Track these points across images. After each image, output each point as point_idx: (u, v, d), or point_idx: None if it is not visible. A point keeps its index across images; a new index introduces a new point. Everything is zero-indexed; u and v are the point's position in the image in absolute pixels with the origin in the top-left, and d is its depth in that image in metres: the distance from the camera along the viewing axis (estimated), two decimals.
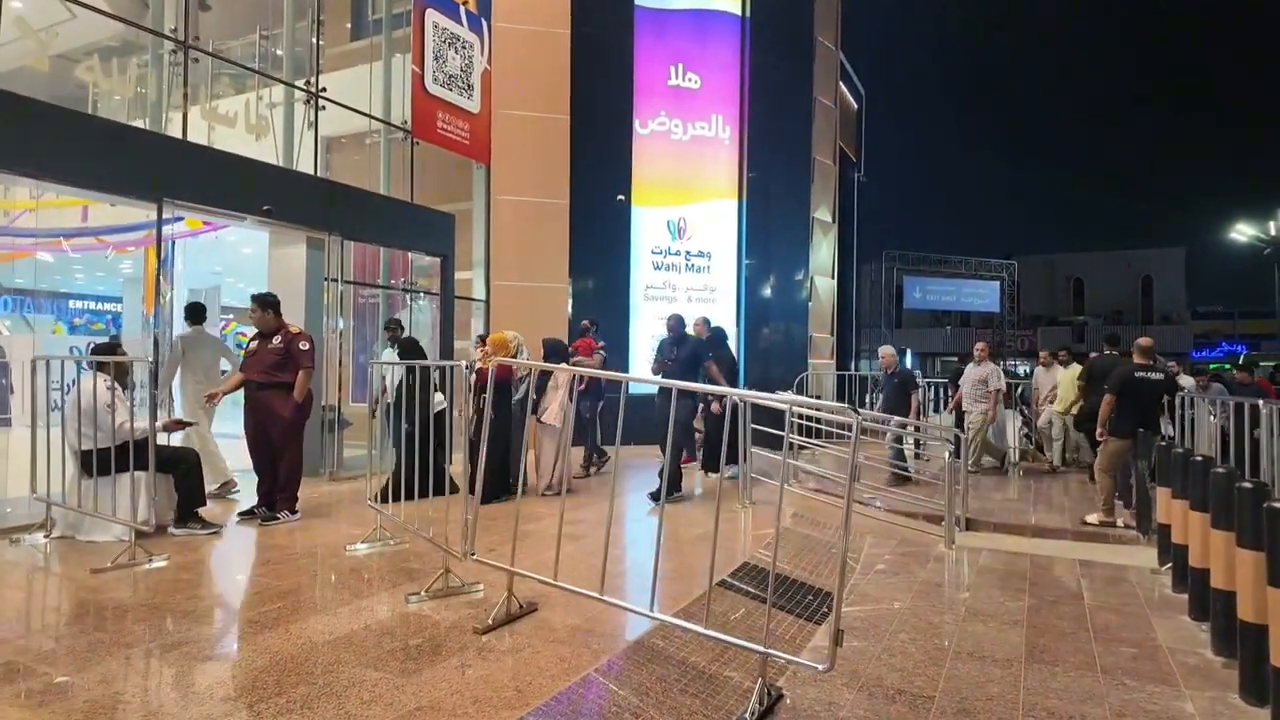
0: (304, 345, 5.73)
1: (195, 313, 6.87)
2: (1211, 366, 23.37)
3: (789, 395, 6.64)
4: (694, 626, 3.04)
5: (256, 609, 3.66)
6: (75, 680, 2.81)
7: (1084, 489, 8.37)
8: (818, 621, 3.81)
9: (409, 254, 9.51)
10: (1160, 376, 6.31)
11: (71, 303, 16.43)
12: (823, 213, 14.24)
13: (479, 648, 3.20)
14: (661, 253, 11.75)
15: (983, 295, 24.74)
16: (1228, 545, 3.26)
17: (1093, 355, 8.85)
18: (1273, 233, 24.95)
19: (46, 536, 4.90)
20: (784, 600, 4.07)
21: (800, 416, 7.58)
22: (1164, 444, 5.30)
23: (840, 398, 12.75)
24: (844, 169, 17.05)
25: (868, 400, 11.64)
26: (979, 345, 9.37)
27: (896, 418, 7.81)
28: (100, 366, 4.90)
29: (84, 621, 3.50)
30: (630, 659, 3.15)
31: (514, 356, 6.47)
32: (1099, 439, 6.49)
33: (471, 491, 3.78)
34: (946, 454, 5.91)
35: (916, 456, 9.07)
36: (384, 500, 5.06)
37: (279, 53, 8.98)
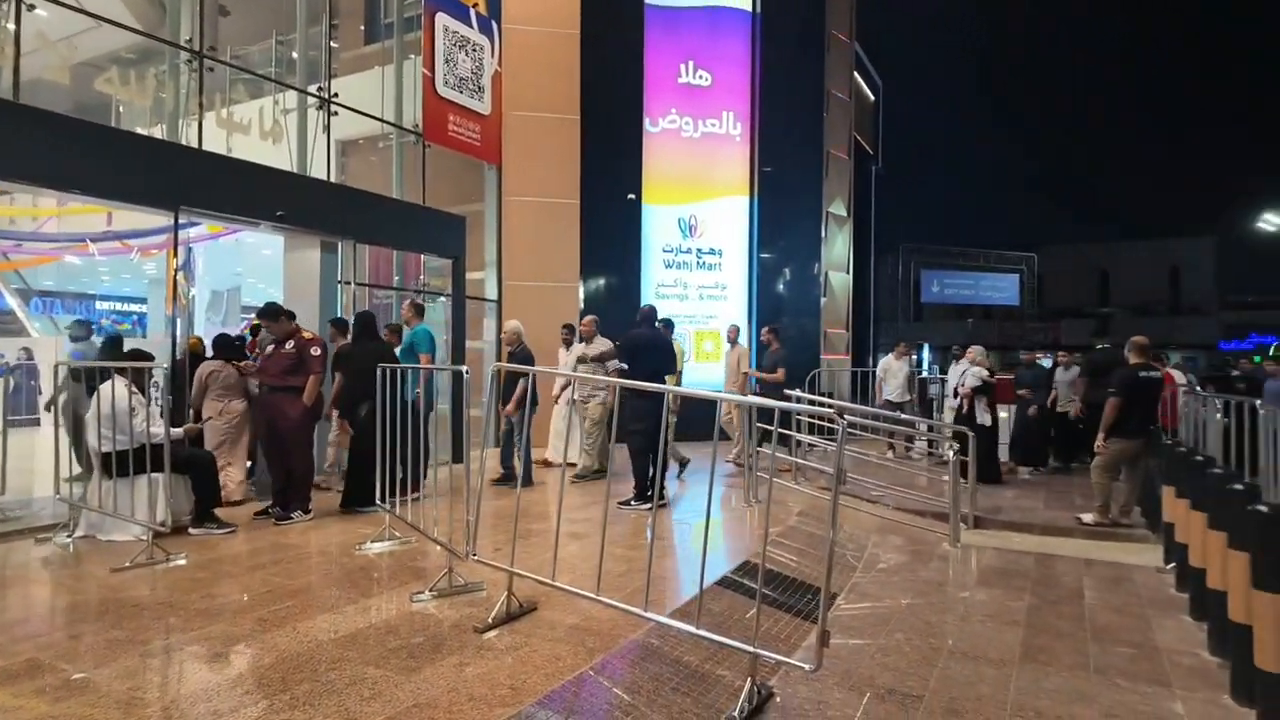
0: (315, 351, 5.86)
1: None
2: (1255, 359, 22.82)
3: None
4: (685, 626, 3.10)
5: (267, 607, 3.77)
6: (93, 676, 2.93)
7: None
8: (814, 620, 3.85)
9: (421, 255, 9.63)
10: (1158, 375, 6.31)
11: (98, 304, 16.89)
12: (837, 206, 14.17)
13: (478, 646, 3.29)
14: (673, 251, 11.78)
15: (1001, 288, 24.51)
16: (1222, 546, 3.26)
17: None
18: None
19: (69, 536, 5.06)
20: (784, 597, 4.12)
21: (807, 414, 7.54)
22: (1171, 443, 5.25)
23: (855, 394, 12.70)
24: (861, 161, 16.90)
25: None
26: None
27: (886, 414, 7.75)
28: (121, 371, 5.05)
29: (103, 619, 3.63)
30: (625, 658, 3.22)
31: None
32: (1098, 450, 6.16)
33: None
34: (951, 451, 5.91)
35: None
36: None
37: (294, 56, 9.11)
